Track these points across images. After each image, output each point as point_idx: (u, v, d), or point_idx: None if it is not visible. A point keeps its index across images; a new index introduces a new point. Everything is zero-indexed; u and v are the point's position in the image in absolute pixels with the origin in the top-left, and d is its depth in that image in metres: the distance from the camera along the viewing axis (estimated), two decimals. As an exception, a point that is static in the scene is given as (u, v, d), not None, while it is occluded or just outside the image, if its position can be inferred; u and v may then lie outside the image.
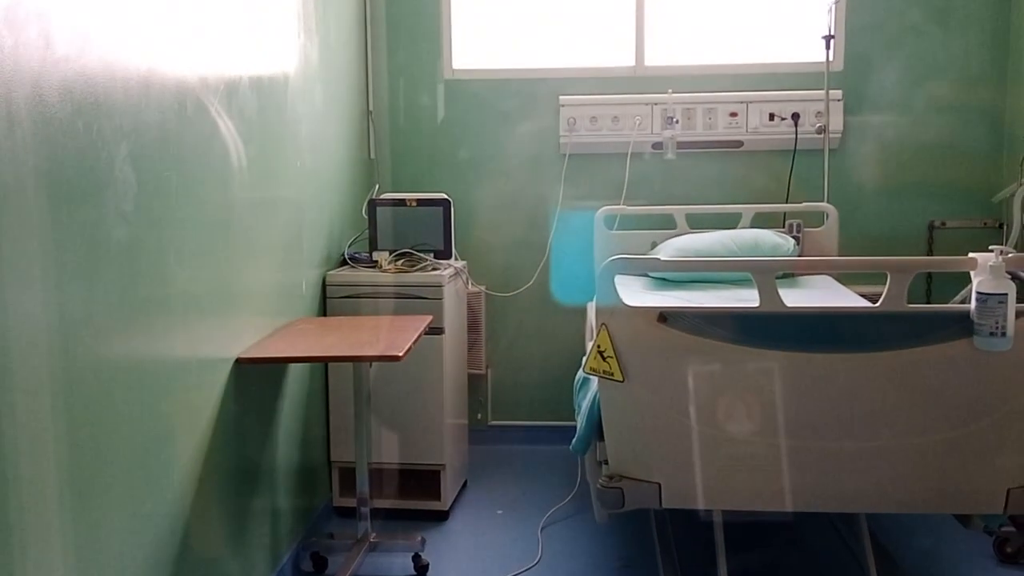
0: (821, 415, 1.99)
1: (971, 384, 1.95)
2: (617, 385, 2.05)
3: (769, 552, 3.01)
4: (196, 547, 2.22)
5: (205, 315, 2.28)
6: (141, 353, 1.94)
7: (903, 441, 1.98)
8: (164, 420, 2.05)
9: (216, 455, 2.33)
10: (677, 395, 2.04)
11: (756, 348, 1.98)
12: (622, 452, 2.11)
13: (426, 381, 3.33)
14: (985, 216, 3.81)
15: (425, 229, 3.46)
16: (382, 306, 3.28)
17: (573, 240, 3.98)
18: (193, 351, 2.21)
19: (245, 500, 2.55)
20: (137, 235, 1.91)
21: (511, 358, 4.14)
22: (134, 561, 1.92)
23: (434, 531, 3.27)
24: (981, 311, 1.92)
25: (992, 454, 1.97)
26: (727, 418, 2.03)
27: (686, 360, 2.02)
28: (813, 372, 1.97)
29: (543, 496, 3.54)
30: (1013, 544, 2.90)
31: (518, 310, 4.09)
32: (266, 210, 2.72)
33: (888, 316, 1.95)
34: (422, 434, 3.35)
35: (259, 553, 2.67)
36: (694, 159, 3.93)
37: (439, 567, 3.00)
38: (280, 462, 2.84)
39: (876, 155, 3.88)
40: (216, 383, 2.35)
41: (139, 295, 1.92)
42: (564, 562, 3.03)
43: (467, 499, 3.57)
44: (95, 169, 1.75)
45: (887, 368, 1.95)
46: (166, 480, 2.07)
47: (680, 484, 2.09)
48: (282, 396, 2.86)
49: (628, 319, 2.04)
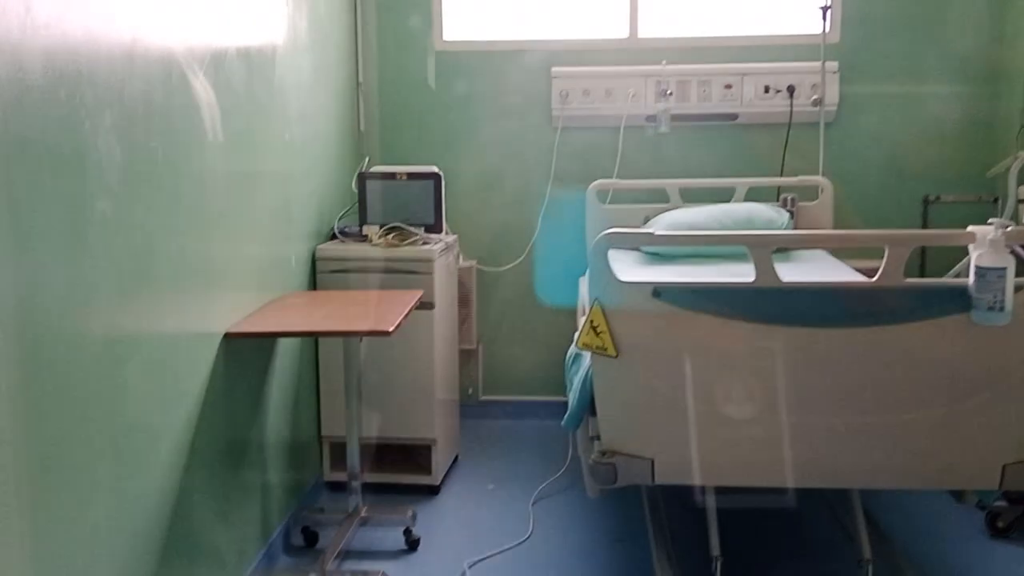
0: (816, 390, 1.97)
1: (968, 359, 1.93)
2: (610, 360, 2.03)
3: (761, 528, 3.01)
4: (185, 522, 2.20)
5: (192, 289, 2.25)
6: (127, 328, 1.91)
7: (899, 416, 1.97)
8: (151, 395, 2.02)
9: (205, 430, 2.31)
10: (671, 370, 2.02)
11: (751, 323, 1.96)
12: (615, 428, 2.09)
13: (417, 356, 3.30)
14: (980, 191, 3.79)
15: (415, 203, 3.42)
16: (372, 281, 3.25)
17: (565, 214, 3.95)
18: (181, 326, 2.18)
19: (235, 475, 2.53)
20: (122, 207, 1.87)
21: (502, 333, 4.12)
22: (122, 537, 1.90)
23: (425, 505, 3.26)
24: (980, 285, 1.90)
25: (988, 429, 1.96)
26: (721, 394, 2.01)
27: (680, 335, 2.00)
28: (808, 347, 1.95)
29: (534, 471, 3.54)
30: (1005, 519, 2.91)
31: (509, 285, 4.06)
32: (254, 183, 2.68)
33: (885, 291, 1.93)
34: (413, 409, 3.33)
35: (249, 528, 2.66)
36: (688, 132, 3.89)
37: (430, 541, 3.00)
38: (270, 437, 2.82)
39: (872, 128, 3.85)
40: (204, 358, 2.32)
41: (124, 268, 1.89)
42: (555, 537, 3.02)
43: (458, 474, 3.56)
44: (78, 139, 1.71)
45: (883, 343, 1.93)
46: (154, 456, 2.04)
47: (673, 460, 2.08)
48: (272, 371, 2.83)
49: (622, 294, 2.01)
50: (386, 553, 2.93)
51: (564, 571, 2.79)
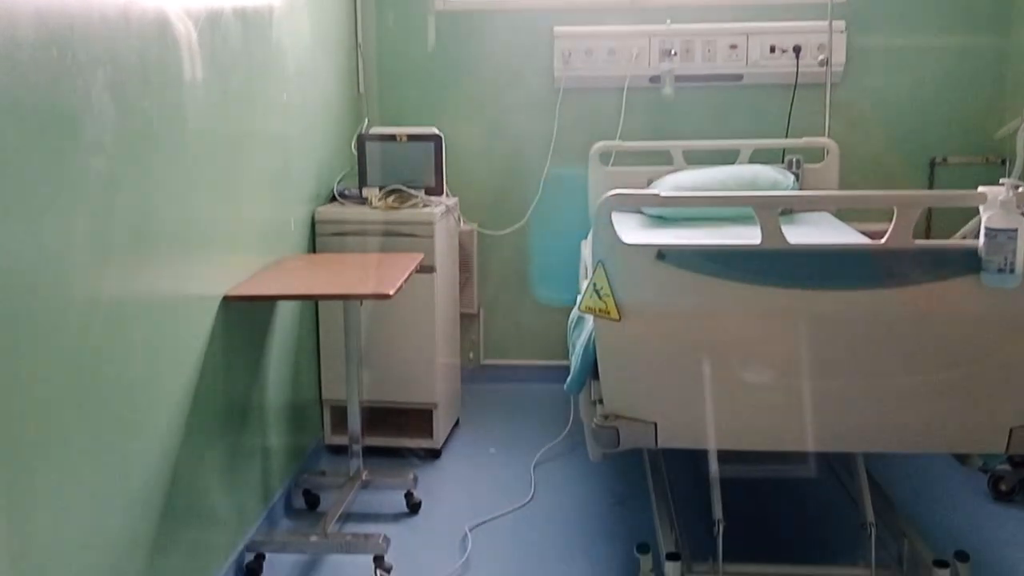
0: (823, 353, 1.95)
1: (977, 322, 1.91)
2: (613, 324, 2.00)
3: (764, 492, 3.00)
4: (186, 485, 2.19)
5: (190, 251, 2.22)
6: (124, 290, 1.88)
7: (906, 380, 1.95)
8: (150, 358, 2.00)
9: (205, 393, 2.29)
10: (675, 334, 2.00)
11: (756, 286, 1.93)
12: (618, 391, 2.07)
13: (417, 320, 3.28)
14: (987, 152, 3.74)
15: (416, 165, 3.38)
16: (372, 243, 3.22)
17: (567, 177, 3.91)
18: (179, 288, 2.15)
19: (235, 438, 2.52)
20: (117, 167, 1.84)
21: (503, 297, 4.09)
22: (122, 500, 1.89)
23: (426, 469, 3.26)
24: (990, 247, 1.86)
25: (996, 393, 1.94)
26: (725, 357, 1.99)
27: (684, 298, 1.97)
28: (815, 310, 1.92)
29: (536, 435, 3.53)
30: (1008, 482, 2.91)
31: (511, 248, 4.03)
32: (252, 144, 2.64)
33: (893, 253, 1.90)
34: (414, 373, 3.32)
35: (250, 491, 2.65)
36: (692, 93, 3.83)
37: (431, 505, 3.00)
38: (270, 400, 2.80)
39: (878, 89, 3.79)
40: (203, 321, 2.30)
41: (120, 229, 1.86)
42: (557, 499, 3.02)
43: (459, 438, 3.55)
44: (70, 97, 1.67)
45: (891, 306, 1.91)
46: (153, 419, 2.03)
47: (676, 424, 2.06)
48: (272, 334, 2.81)
49: (625, 257, 1.98)
50: (387, 516, 2.93)
51: (565, 534, 2.79)
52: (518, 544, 2.74)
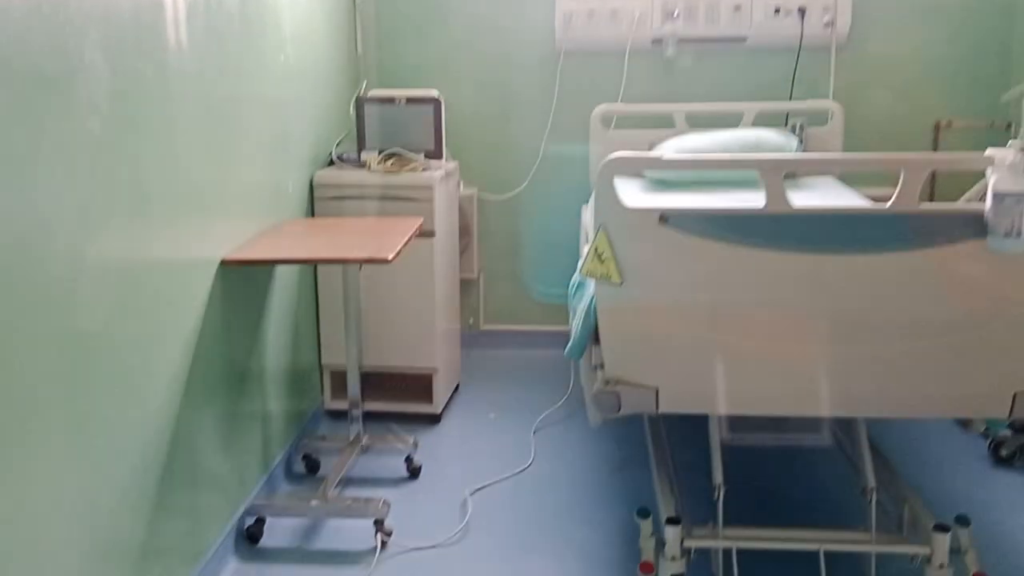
0: (826, 317, 1.93)
1: (982, 286, 1.89)
2: (615, 288, 1.98)
3: (765, 457, 3.01)
4: (185, 450, 2.19)
5: (187, 215, 2.19)
6: (120, 254, 1.86)
7: (910, 344, 1.93)
8: (147, 323, 1.99)
9: (203, 358, 2.28)
10: (677, 298, 1.98)
11: (760, 250, 1.90)
12: (619, 356, 2.06)
13: (417, 285, 3.26)
14: (993, 116, 3.70)
15: (415, 128, 3.34)
16: (371, 208, 3.19)
17: (568, 141, 3.87)
18: (175, 252, 2.13)
19: (235, 403, 2.51)
20: (112, 129, 1.81)
21: (504, 263, 4.07)
22: (121, 464, 1.88)
23: (427, 434, 3.26)
24: (996, 211, 1.84)
25: (1001, 357, 1.92)
26: (728, 321, 1.97)
27: (687, 262, 1.95)
28: (819, 274, 1.90)
29: (536, 400, 3.53)
30: (1008, 447, 2.91)
31: (511, 214, 4.00)
32: (248, 106, 2.60)
33: (899, 216, 1.88)
34: (414, 338, 3.31)
35: (250, 455, 2.65)
36: (695, 56, 3.79)
37: (431, 469, 3.00)
38: (270, 365, 2.79)
39: (884, 52, 3.74)
40: (201, 286, 2.28)
41: (116, 192, 1.83)
42: (557, 465, 3.02)
43: (459, 403, 3.55)
44: (63, 57, 1.64)
45: (896, 270, 1.88)
46: (151, 384, 2.01)
47: (678, 388, 2.05)
48: (270, 299, 2.79)
49: (627, 220, 1.95)
50: (388, 481, 2.93)
51: (565, 499, 2.80)
52: (518, 509, 2.74)
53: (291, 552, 2.52)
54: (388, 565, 2.45)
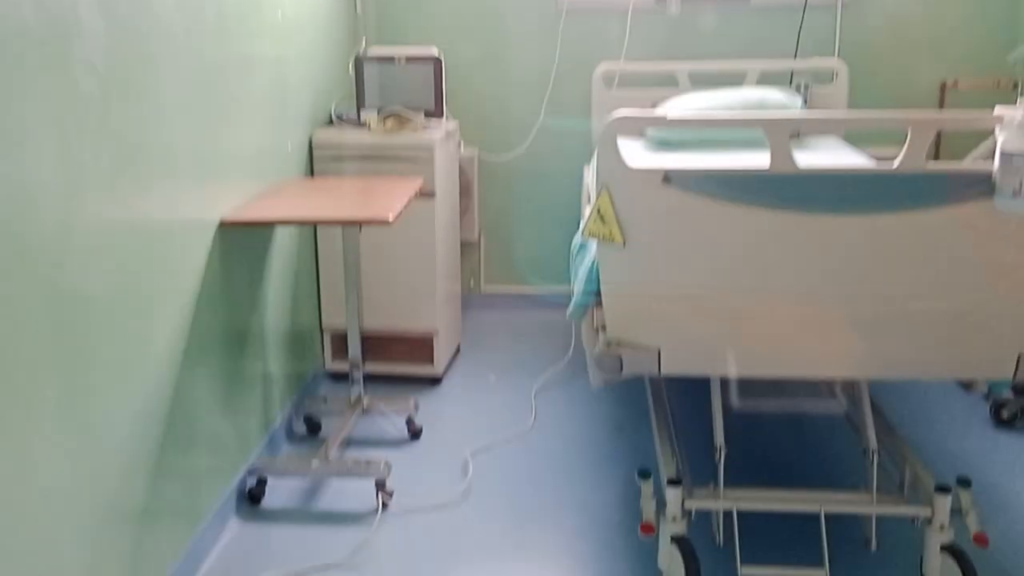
0: (831, 279, 1.91)
1: (988, 247, 1.87)
2: (617, 249, 1.96)
3: (766, 419, 3.01)
4: (186, 411, 2.18)
5: (185, 175, 2.17)
6: (117, 214, 1.83)
7: (916, 305, 1.91)
8: (146, 284, 1.97)
9: (203, 320, 2.27)
10: (680, 259, 1.96)
11: (765, 210, 1.88)
12: (621, 318, 2.04)
13: (418, 246, 3.24)
14: (999, 75, 3.66)
15: (415, 87, 3.30)
16: (371, 168, 3.16)
17: (570, 101, 3.83)
18: (174, 213, 2.11)
19: (235, 364, 2.50)
20: (108, 88, 1.78)
21: (504, 224, 4.05)
22: (121, 425, 1.87)
23: (427, 396, 3.26)
24: (1004, 170, 1.81)
25: (1006, 318, 1.91)
26: (732, 283, 1.96)
27: (691, 223, 1.93)
28: (824, 234, 1.88)
29: (536, 362, 3.53)
30: (1010, 409, 2.91)
31: (512, 174, 3.97)
32: (246, 65, 2.56)
33: (906, 176, 1.85)
34: (414, 300, 3.29)
35: (252, 416, 2.65)
36: (699, 13, 3.73)
37: (432, 431, 3.00)
38: (270, 327, 2.78)
39: (890, 11, 3.69)
40: (200, 246, 2.26)
41: (113, 152, 1.81)
42: (558, 426, 3.02)
43: (460, 365, 3.54)
44: (58, 14, 1.60)
45: (901, 230, 1.86)
46: (151, 345, 2.00)
47: (680, 350, 2.04)
48: (270, 260, 2.77)
49: (630, 180, 1.93)
50: (388, 442, 2.93)
51: (566, 460, 2.80)
52: (519, 470, 2.74)
53: (292, 512, 2.52)
54: (389, 525, 2.46)
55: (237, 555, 2.33)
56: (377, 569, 2.27)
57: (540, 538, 2.40)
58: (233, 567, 2.27)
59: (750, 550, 2.20)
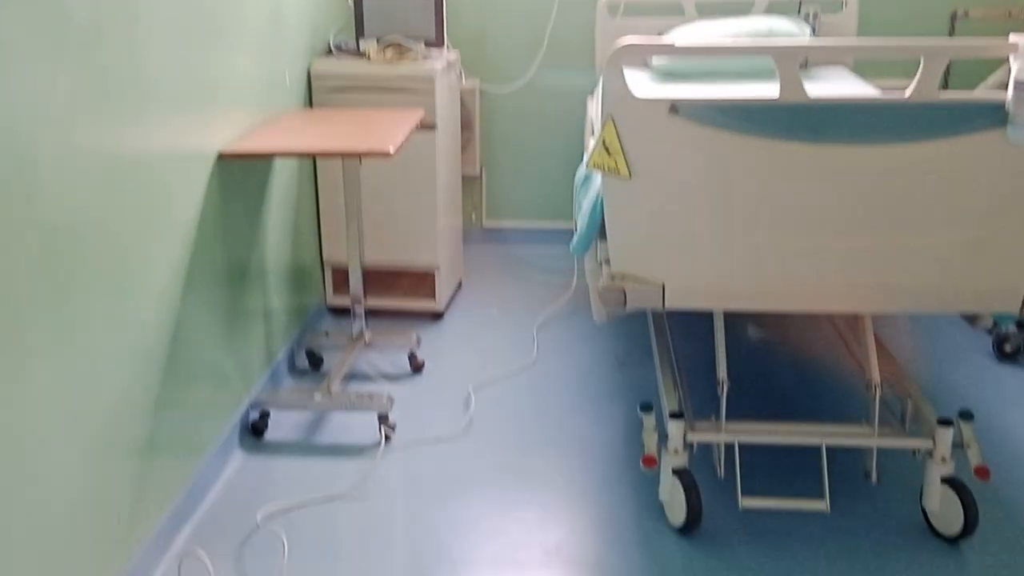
0: (839, 211, 1.89)
1: (999, 178, 1.84)
2: (622, 182, 1.93)
3: (768, 354, 3.01)
4: (187, 346, 2.18)
5: (181, 107, 2.12)
6: (113, 146, 1.80)
7: (924, 238, 1.89)
8: (144, 217, 1.94)
9: (203, 253, 2.24)
10: (687, 191, 1.93)
11: (774, 141, 1.84)
12: (625, 251, 2.02)
13: (418, 180, 3.20)
14: (1010, 6, 3.57)
15: (415, 16, 3.22)
16: (370, 99, 3.11)
17: (573, 30, 3.75)
18: (171, 145, 2.07)
19: (236, 299, 2.49)
20: (102, 18, 1.73)
21: (506, 158, 4.00)
22: (120, 360, 1.86)
23: (429, 331, 3.25)
24: (1018, 100, 1.77)
25: (1015, 251, 1.88)
26: (739, 215, 1.93)
27: (698, 154, 1.89)
28: (834, 165, 1.85)
29: (538, 297, 3.51)
30: (1013, 343, 2.91)
31: (514, 107, 3.90)
32: (242, -9, 2.50)
33: (917, 106, 1.81)
34: (415, 235, 3.27)
35: (253, 351, 2.64)
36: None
37: (434, 365, 3.00)
38: (270, 261, 2.76)
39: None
40: (198, 179, 2.22)
41: (108, 84, 1.76)
42: (560, 360, 3.03)
43: (462, 300, 3.53)
44: (41, -68, 1.54)
45: (912, 161, 1.83)
46: (150, 279, 1.98)
47: (685, 284, 2.02)
48: (269, 194, 2.74)
49: (636, 111, 1.89)
50: (391, 376, 2.94)
51: (568, 394, 2.81)
52: (521, 404, 2.75)
53: (295, 445, 2.54)
54: (392, 458, 2.47)
55: (241, 486, 2.35)
56: (380, 500, 2.29)
57: (542, 470, 2.41)
58: (238, 497, 2.29)
59: (751, 483, 2.21)
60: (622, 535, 2.15)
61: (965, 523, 2.05)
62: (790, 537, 2.13)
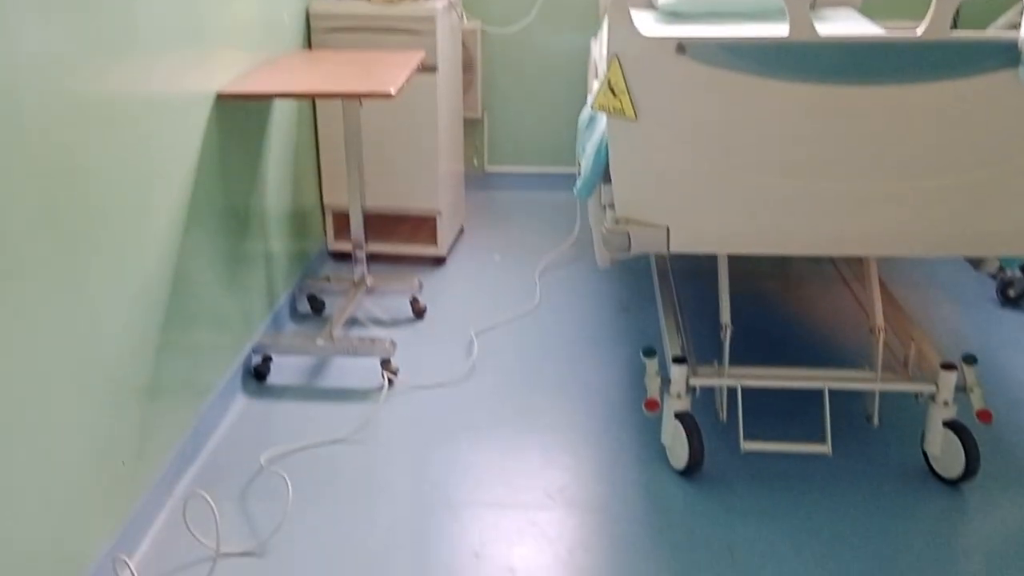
0: (849, 152, 1.86)
1: (1011, 120, 1.81)
2: (628, 123, 1.90)
3: (772, 299, 3.00)
4: (188, 289, 2.17)
5: (179, 47, 2.08)
6: (111, 88, 1.77)
7: (934, 180, 1.87)
8: (142, 160, 1.92)
9: (203, 197, 2.22)
10: (693, 133, 1.90)
11: (783, 81, 1.81)
12: (630, 194, 2.00)
13: (420, 123, 3.16)
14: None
15: (415, -45, 3.15)
16: (370, 40, 3.05)
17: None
18: (168, 86, 2.03)
19: (236, 243, 2.47)
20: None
21: (508, 101, 3.94)
22: (121, 303, 1.85)
23: (431, 276, 3.24)
24: (1033, 39, 1.74)
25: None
26: (746, 157, 1.90)
27: (705, 95, 1.86)
28: (843, 106, 1.82)
29: (540, 243, 3.50)
30: (1016, 288, 2.90)
31: (516, 49, 3.84)
32: (238, -73, 2.44)
33: (928, 45, 1.78)
34: (417, 179, 3.24)
35: (255, 295, 2.63)
36: None
37: (436, 310, 3.00)
38: (271, 205, 2.74)
39: None
40: (197, 121, 2.19)
41: (101, 25, 1.72)
42: (562, 306, 3.02)
43: (464, 245, 3.51)
44: None
45: (922, 101, 1.80)
46: (149, 222, 1.96)
47: (690, 228, 2.00)
48: (269, 137, 2.71)
49: (642, 50, 1.85)
50: (393, 321, 2.93)
51: (571, 340, 2.80)
52: (524, 348, 2.75)
53: (298, 389, 2.54)
54: (395, 402, 2.47)
55: (244, 429, 2.35)
56: (383, 443, 2.30)
57: (545, 414, 2.42)
58: (241, 441, 2.30)
59: (752, 426, 2.22)
60: (624, 478, 2.16)
61: (966, 466, 2.06)
62: (791, 480, 2.14)
